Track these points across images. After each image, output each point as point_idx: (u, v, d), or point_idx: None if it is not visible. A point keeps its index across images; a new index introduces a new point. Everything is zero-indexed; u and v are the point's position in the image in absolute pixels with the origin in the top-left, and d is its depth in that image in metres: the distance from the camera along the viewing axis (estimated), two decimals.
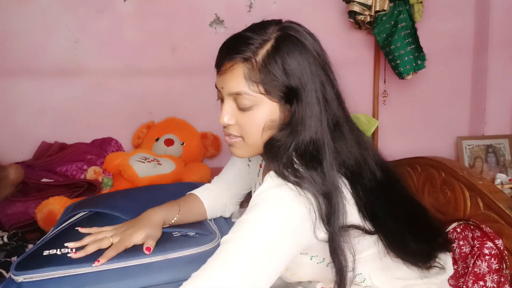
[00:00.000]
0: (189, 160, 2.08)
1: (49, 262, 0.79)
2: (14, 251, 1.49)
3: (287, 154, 0.74)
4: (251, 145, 0.79)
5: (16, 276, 0.77)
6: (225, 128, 0.82)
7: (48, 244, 0.87)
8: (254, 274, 0.66)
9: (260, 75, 0.73)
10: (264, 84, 0.74)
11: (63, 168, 1.93)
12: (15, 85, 2.13)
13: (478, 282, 1.07)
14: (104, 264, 0.80)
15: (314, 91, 0.74)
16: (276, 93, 0.74)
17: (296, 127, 0.75)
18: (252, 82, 0.74)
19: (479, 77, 2.21)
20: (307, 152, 0.74)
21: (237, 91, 0.75)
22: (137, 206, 1.01)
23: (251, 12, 2.15)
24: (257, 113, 0.76)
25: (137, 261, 0.82)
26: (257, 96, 0.74)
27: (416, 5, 1.95)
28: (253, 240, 0.67)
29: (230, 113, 0.79)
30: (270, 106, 0.75)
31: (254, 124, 0.76)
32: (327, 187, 0.72)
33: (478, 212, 1.23)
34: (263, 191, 0.72)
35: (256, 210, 0.70)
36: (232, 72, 0.75)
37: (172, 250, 0.85)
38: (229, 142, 0.83)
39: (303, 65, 0.74)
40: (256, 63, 0.74)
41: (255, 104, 0.75)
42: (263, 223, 0.69)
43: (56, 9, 2.09)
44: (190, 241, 0.90)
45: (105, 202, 1.10)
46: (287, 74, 0.73)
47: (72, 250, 0.83)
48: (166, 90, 2.19)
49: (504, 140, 2.18)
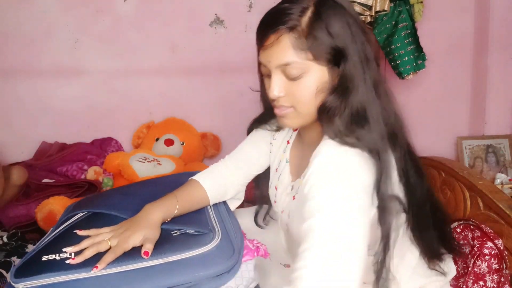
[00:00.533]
0: (189, 160, 2.08)
1: (48, 268, 0.78)
2: (14, 251, 1.49)
3: (343, 117, 0.75)
4: (304, 113, 0.81)
5: (16, 283, 0.76)
6: (275, 101, 0.83)
7: (46, 249, 0.86)
8: (354, 246, 0.67)
9: (307, 42, 0.74)
10: (311, 50, 0.75)
11: (63, 168, 1.93)
12: (15, 85, 2.12)
13: (478, 282, 1.07)
14: (104, 269, 0.79)
15: (357, 51, 0.76)
16: (324, 56, 0.75)
17: (345, 88, 0.76)
18: (300, 50, 0.75)
19: (479, 77, 2.21)
20: (359, 112, 0.76)
21: (286, 61, 0.76)
22: (135, 203, 1.00)
23: (251, 12, 2.15)
24: (307, 81, 0.77)
25: (136, 265, 0.81)
26: (306, 63, 0.76)
27: (416, 5, 1.95)
28: (342, 218, 0.68)
29: (279, 85, 0.80)
30: (319, 71, 0.77)
31: (306, 92, 0.77)
32: (381, 148, 0.75)
33: (478, 212, 1.23)
34: (329, 163, 0.73)
35: (332, 183, 0.71)
36: (279, 44, 0.76)
37: (171, 252, 0.84)
38: (280, 114, 0.84)
39: (345, 27, 0.75)
40: (302, 30, 0.74)
41: (304, 72, 0.76)
42: (344, 196, 0.70)
43: (56, 9, 2.09)
44: (189, 241, 0.88)
45: (103, 201, 1.09)
46: (332, 36, 0.74)
47: (70, 255, 0.81)
48: (166, 90, 2.19)
49: (504, 140, 2.18)
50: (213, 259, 0.83)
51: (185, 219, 0.97)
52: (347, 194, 0.70)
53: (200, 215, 1.02)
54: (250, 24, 2.15)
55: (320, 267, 0.65)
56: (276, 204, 0.99)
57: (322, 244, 0.67)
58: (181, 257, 0.83)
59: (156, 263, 0.82)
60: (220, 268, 0.82)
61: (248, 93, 2.20)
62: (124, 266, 0.80)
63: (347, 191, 0.70)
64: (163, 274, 0.80)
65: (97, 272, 0.78)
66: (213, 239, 0.89)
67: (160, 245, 0.86)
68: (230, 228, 0.97)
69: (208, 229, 0.94)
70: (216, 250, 0.86)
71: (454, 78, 2.24)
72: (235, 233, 0.96)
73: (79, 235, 0.89)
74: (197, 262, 0.82)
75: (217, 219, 1.02)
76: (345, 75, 0.76)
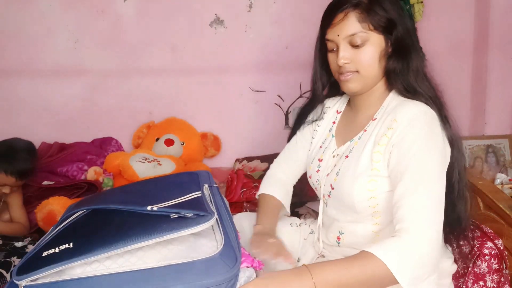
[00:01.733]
0: (189, 160, 2.09)
1: (49, 261, 0.79)
2: (14, 251, 1.49)
3: (408, 75, 0.95)
4: (367, 76, 0.97)
5: (18, 281, 0.77)
6: (341, 68, 0.97)
7: (47, 246, 0.86)
8: (442, 196, 0.87)
9: (368, 16, 0.93)
10: (371, 22, 0.93)
11: (63, 169, 1.93)
12: (15, 85, 2.13)
13: (478, 282, 1.07)
14: (104, 270, 0.80)
15: (403, 23, 0.96)
16: (381, 26, 0.94)
17: (401, 51, 0.95)
18: (363, 23, 0.93)
19: (479, 77, 2.21)
20: (418, 72, 0.97)
21: (352, 32, 0.94)
22: (135, 198, 1.00)
23: (251, 12, 2.15)
24: (370, 47, 0.95)
25: (132, 246, 0.81)
26: (368, 33, 0.94)
27: (416, 5, 1.95)
28: (434, 168, 0.87)
29: (347, 53, 0.96)
30: (378, 39, 0.95)
31: (369, 57, 0.95)
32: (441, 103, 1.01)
33: (478, 212, 1.23)
34: (410, 118, 0.90)
35: (421, 134, 0.89)
36: (347, 19, 0.94)
37: (169, 231, 0.84)
38: (344, 79, 0.98)
39: (394, 4, 0.96)
40: (364, 7, 0.94)
41: (366, 40, 0.94)
42: (433, 146, 0.89)
43: (56, 9, 2.09)
44: (187, 221, 0.88)
45: (102, 198, 1.10)
46: (386, 11, 0.94)
47: (69, 245, 0.83)
48: (166, 90, 2.19)
49: (504, 140, 2.18)
50: (216, 268, 0.83)
51: (184, 206, 0.96)
52: (435, 145, 0.89)
53: (199, 202, 1.01)
54: (250, 24, 2.15)
55: (419, 218, 0.82)
56: (319, 173, 1.09)
57: (419, 194, 0.84)
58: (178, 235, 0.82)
59: (153, 242, 0.82)
60: (223, 278, 0.81)
61: (248, 93, 2.21)
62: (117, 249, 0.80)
63: (434, 142, 0.89)
64: (164, 276, 0.80)
65: (98, 272, 0.78)
66: (210, 219, 0.88)
67: (158, 225, 0.86)
68: (233, 238, 0.97)
69: (206, 212, 0.92)
70: (220, 257, 0.85)
71: (454, 78, 2.24)
72: (235, 240, 0.96)
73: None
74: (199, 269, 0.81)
75: (215, 205, 1.02)
76: (397, 40, 0.95)
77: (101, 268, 0.81)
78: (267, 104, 2.21)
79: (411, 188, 0.85)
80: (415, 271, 0.80)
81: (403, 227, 0.83)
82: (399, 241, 0.81)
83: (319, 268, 0.79)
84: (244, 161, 2.12)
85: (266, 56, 2.17)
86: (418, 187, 0.85)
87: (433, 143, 0.89)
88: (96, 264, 0.82)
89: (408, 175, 0.87)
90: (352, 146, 1.01)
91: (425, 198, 0.84)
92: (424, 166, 0.87)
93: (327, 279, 0.78)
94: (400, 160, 0.89)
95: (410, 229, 0.82)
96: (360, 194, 0.94)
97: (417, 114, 0.91)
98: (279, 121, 2.24)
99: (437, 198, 0.86)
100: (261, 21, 2.15)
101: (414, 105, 0.93)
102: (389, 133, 0.92)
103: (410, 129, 0.89)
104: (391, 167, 0.91)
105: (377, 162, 0.93)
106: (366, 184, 0.94)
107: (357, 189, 0.94)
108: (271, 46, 2.16)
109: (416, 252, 0.80)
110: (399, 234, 0.83)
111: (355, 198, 0.95)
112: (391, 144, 0.91)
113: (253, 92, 2.18)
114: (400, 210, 0.85)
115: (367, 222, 0.99)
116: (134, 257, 0.84)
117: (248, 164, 2.09)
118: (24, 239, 1.57)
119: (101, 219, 0.94)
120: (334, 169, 1.02)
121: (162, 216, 0.91)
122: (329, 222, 1.09)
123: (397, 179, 0.88)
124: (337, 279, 0.78)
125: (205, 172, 1.21)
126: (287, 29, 2.16)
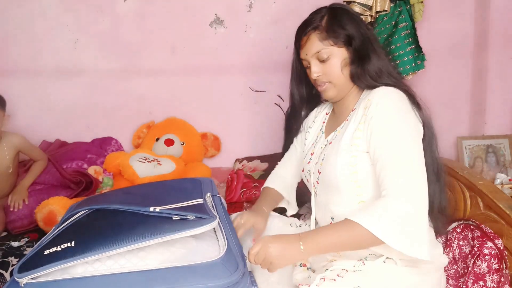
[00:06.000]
0: (189, 160, 2.09)
1: (51, 259, 0.80)
2: (10, 251, 1.49)
3: (369, 74, 1.08)
4: (338, 83, 1.11)
5: (20, 278, 0.77)
6: (316, 80, 1.14)
7: (48, 244, 0.86)
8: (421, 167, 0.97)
9: (327, 34, 1.08)
10: (331, 39, 1.08)
11: (63, 166, 1.93)
12: (15, 85, 2.13)
13: (478, 282, 1.07)
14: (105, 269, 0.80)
15: (361, 34, 1.10)
16: (340, 41, 1.08)
17: (361, 58, 1.08)
18: (324, 41, 1.08)
19: (479, 77, 2.21)
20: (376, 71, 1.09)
21: (317, 50, 1.09)
22: (137, 199, 1.01)
23: (251, 12, 2.15)
24: (334, 60, 1.09)
25: (134, 246, 0.81)
26: (330, 48, 1.08)
27: (416, 5, 1.94)
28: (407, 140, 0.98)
29: (317, 69, 1.11)
30: (340, 51, 1.09)
31: (335, 68, 1.09)
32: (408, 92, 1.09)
33: (478, 212, 1.23)
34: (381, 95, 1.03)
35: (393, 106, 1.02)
36: (310, 40, 1.11)
37: (171, 231, 0.84)
38: (321, 90, 1.14)
39: (350, 20, 1.10)
40: (323, 27, 1.09)
41: (331, 54, 1.09)
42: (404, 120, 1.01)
43: (56, 9, 2.09)
44: (189, 223, 0.88)
45: (105, 199, 1.10)
46: (344, 28, 1.08)
47: (71, 243, 0.83)
48: (166, 90, 2.20)
49: (504, 140, 2.18)
50: (217, 272, 0.83)
51: (187, 209, 0.96)
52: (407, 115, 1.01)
53: (201, 206, 1.02)
54: (250, 24, 2.15)
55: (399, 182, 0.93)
56: (309, 164, 1.20)
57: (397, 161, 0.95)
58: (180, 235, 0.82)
59: (155, 242, 0.82)
60: (224, 282, 0.81)
61: (248, 93, 2.21)
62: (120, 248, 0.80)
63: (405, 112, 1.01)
64: (165, 278, 0.79)
65: (99, 272, 0.79)
66: (211, 222, 0.88)
67: (160, 226, 0.86)
68: (234, 247, 0.96)
69: (208, 215, 0.93)
70: (221, 262, 0.85)
71: (454, 78, 2.24)
72: (237, 249, 0.95)
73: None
74: (201, 272, 0.81)
75: (216, 210, 1.02)
76: (356, 50, 1.09)
77: (103, 268, 0.81)
78: (267, 104, 2.21)
79: (390, 157, 0.96)
80: (399, 228, 0.89)
81: (387, 193, 0.94)
82: (381, 203, 0.92)
83: (310, 237, 0.95)
84: (244, 161, 2.12)
85: (266, 56, 2.17)
86: (396, 155, 0.96)
87: (405, 113, 1.02)
88: (97, 264, 0.82)
89: (386, 146, 0.98)
90: (336, 134, 1.14)
91: (404, 164, 0.95)
92: (400, 136, 0.98)
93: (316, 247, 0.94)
94: (377, 134, 1.00)
95: (392, 192, 0.93)
96: (343, 170, 1.04)
97: (387, 91, 1.05)
98: (279, 121, 2.23)
99: (415, 162, 0.96)
100: (261, 21, 2.15)
101: (384, 86, 1.07)
102: (366, 112, 1.05)
103: (383, 103, 1.02)
104: (369, 142, 1.02)
105: (357, 138, 1.04)
106: (348, 159, 1.04)
107: (339, 165, 1.05)
108: (271, 46, 2.16)
109: (397, 211, 0.90)
110: (382, 198, 0.94)
111: (338, 173, 1.05)
112: (369, 118, 1.02)
113: (253, 92, 2.18)
114: (383, 179, 0.96)
115: (353, 203, 1.06)
116: (136, 258, 0.84)
117: (248, 164, 2.09)
118: (21, 239, 1.57)
119: (103, 219, 0.94)
120: (321, 156, 1.15)
121: (164, 218, 0.91)
122: (321, 210, 1.16)
123: (377, 153, 0.99)
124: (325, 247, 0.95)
125: (208, 180, 1.22)
126: (287, 29, 2.15)
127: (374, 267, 1.00)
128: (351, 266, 1.00)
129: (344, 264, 1.02)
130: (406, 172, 0.94)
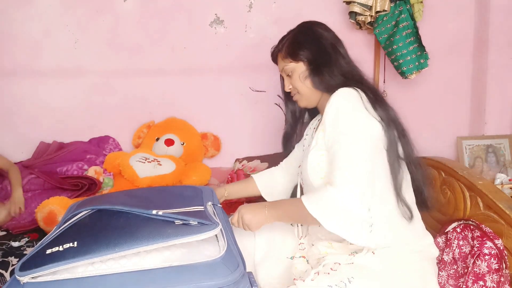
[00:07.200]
0: (189, 160, 2.09)
1: (52, 259, 0.80)
2: (10, 251, 1.49)
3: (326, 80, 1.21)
4: (304, 93, 1.26)
5: (21, 276, 0.77)
6: (290, 93, 1.32)
7: (50, 244, 0.86)
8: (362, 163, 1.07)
9: (287, 54, 1.26)
10: (290, 57, 1.25)
11: (63, 168, 1.93)
12: (15, 85, 2.13)
13: (478, 282, 1.07)
14: (105, 269, 0.80)
15: (316, 48, 1.24)
16: (297, 58, 1.24)
17: (317, 69, 1.22)
18: (286, 59, 1.27)
19: (479, 77, 2.21)
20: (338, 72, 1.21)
21: (282, 67, 1.29)
22: (140, 201, 1.01)
23: (251, 12, 2.15)
24: (296, 74, 1.25)
25: (137, 249, 0.81)
26: (290, 65, 1.26)
27: (416, 4, 1.95)
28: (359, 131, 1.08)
29: (287, 83, 1.30)
30: (298, 66, 1.25)
31: (298, 80, 1.25)
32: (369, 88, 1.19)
33: (478, 212, 1.23)
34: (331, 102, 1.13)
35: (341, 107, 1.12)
36: (278, 60, 1.32)
37: (174, 236, 0.84)
38: (295, 100, 1.32)
39: (306, 41, 1.26)
40: (284, 49, 1.28)
41: (292, 70, 1.26)
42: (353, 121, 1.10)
43: (56, 9, 2.09)
44: (192, 228, 0.89)
45: (107, 199, 1.10)
46: (300, 47, 1.25)
47: (73, 244, 0.83)
48: (166, 90, 2.20)
49: (504, 140, 2.18)
50: (217, 271, 0.83)
51: (190, 214, 0.97)
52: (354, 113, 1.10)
53: (203, 213, 1.03)
54: (250, 24, 2.15)
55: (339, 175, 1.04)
56: (299, 167, 1.33)
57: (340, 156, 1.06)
58: (182, 241, 0.82)
59: (157, 246, 0.82)
60: (224, 281, 0.82)
61: (248, 93, 2.21)
62: (126, 251, 0.80)
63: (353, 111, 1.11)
64: (166, 277, 0.80)
65: (99, 271, 0.79)
66: (214, 228, 0.89)
67: (163, 230, 0.86)
68: (235, 249, 0.97)
69: (210, 222, 0.93)
70: (222, 261, 0.85)
71: (454, 78, 2.24)
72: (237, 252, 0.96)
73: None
74: (201, 271, 0.81)
75: (218, 217, 1.02)
76: (311, 62, 1.23)
77: (103, 268, 0.81)
78: (267, 104, 2.20)
79: (334, 152, 1.08)
80: (332, 212, 1.03)
81: (328, 181, 1.08)
82: (322, 189, 1.06)
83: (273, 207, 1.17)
84: (244, 161, 2.12)
85: (266, 56, 2.16)
86: (338, 150, 1.08)
87: (352, 111, 1.11)
88: (98, 264, 0.82)
89: (333, 143, 1.10)
90: (312, 137, 1.26)
91: (343, 158, 1.06)
92: (343, 133, 1.09)
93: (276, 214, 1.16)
94: (328, 132, 1.12)
95: (332, 180, 1.05)
96: (313, 168, 1.17)
97: (340, 92, 1.14)
98: (279, 121, 2.23)
99: (353, 156, 1.06)
100: (261, 21, 2.15)
101: (342, 88, 1.16)
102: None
103: (333, 103, 1.14)
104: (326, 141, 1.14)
105: (321, 138, 1.16)
106: (317, 158, 1.16)
107: (309, 164, 1.17)
108: (271, 46, 2.15)
109: (332, 198, 1.03)
110: (325, 185, 1.07)
111: (309, 172, 1.17)
112: (324, 118, 1.15)
113: (253, 92, 2.18)
114: (330, 171, 1.09)
115: None
116: (136, 257, 0.84)
117: (248, 164, 2.09)
118: (21, 239, 1.57)
119: (106, 220, 0.94)
120: (304, 161, 1.25)
121: (166, 222, 0.91)
122: None
123: (330, 150, 1.11)
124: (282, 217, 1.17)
125: (209, 190, 1.24)
126: (287, 29, 2.14)
127: (365, 259, 1.08)
128: (344, 259, 1.09)
129: (337, 258, 1.11)
130: (344, 164, 1.05)
